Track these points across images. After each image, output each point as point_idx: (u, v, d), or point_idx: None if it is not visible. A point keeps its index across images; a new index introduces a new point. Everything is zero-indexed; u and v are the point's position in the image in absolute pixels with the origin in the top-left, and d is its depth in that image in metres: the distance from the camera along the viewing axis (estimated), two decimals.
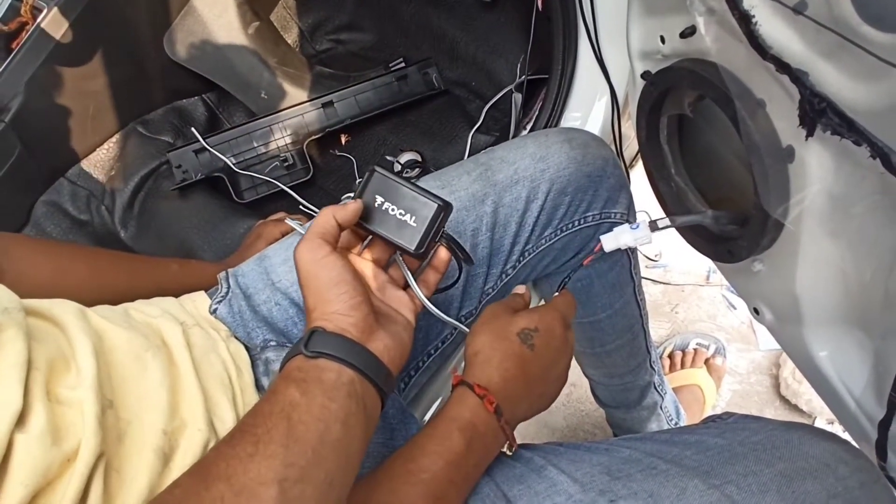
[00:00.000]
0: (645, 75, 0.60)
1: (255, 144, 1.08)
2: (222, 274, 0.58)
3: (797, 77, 0.40)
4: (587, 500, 0.42)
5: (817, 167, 0.42)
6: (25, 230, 1.02)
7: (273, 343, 0.51)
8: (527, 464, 0.46)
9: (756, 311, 0.60)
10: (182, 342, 0.46)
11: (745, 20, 0.42)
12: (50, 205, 1.03)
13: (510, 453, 0.44)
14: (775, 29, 0.40)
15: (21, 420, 0.32)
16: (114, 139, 1.08)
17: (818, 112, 0.40)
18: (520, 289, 0.51)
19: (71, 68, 0.97)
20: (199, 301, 0.55)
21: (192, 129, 1.07)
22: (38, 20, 0.92)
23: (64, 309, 0.43)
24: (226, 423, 0.43)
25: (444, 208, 0.43)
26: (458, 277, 0.51)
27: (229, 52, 1.08)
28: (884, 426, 0.46)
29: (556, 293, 0.52)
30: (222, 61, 1.08)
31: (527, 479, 0.44)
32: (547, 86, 0.81)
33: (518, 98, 0.89)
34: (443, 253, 0.47)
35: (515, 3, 1.02)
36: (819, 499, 0.41)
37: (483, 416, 0.42)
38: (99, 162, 1.07)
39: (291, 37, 1.27)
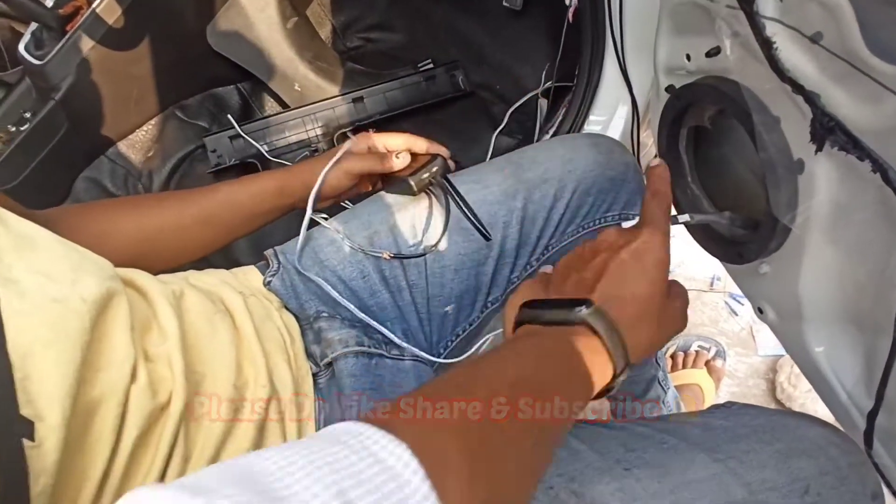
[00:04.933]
0: (669, 89, 0.65)
1: (287, 134, 1.13)
2: (270, 252, 0.63)
3: (810, 98, 0.45)
4: (605, 467, 0.47)
5: (824, 179, 0.47)
6: (65, 204, 1.07)
7: (325, 314, 0.56)
8: None
9: (760, 311, 0.65)
10: (244, 308, 0.51)
11: (766, 45, 0.47)
12: (90, 181, 1.08)
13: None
14: (793, 54, 0.45)
15: (132, 374, 0.37)
16: (153, 122, 1.13)
17: (827, 130, 0.45)
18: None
19: (120, 52, 1.02)
20: (251, 275, 0.60)
21: (228, 115, 1.13)
22: (94, 5, 0.97)
23: (141, 274, 0.48)
24: (285, 383, 0.48)
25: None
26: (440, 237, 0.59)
27: (268, 45, 1.13)
28: (871, 417, 0.51)
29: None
30: (261, 53, 1.14)
31: None
32: (572, 93, 0.86)
33: (544, 104, 0.94)
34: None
35: (544, 13, 1.07)
36: (811, 474, 0.46)
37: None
38: (138, 143, 1.12)
39: (324, 33, 1.32)
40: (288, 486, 0.20)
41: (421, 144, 0.66)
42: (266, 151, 1.11)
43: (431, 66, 1.20)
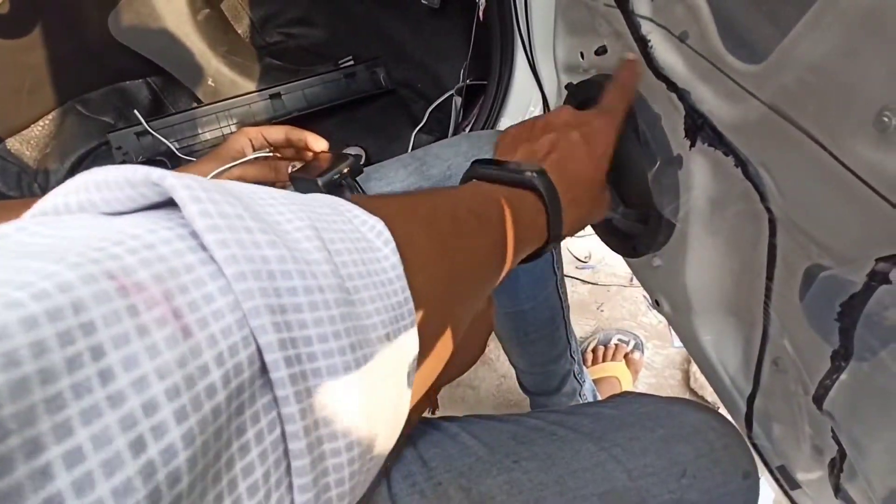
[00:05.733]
0: (568, 86, 0.67)
1: (200, 131, 1.09)
2: None
3: (682, 95, 0.46)
4: (494, 460, 0.47)
5: (699, 174, 0.49)
6: None
7: None
8: (444, 431, 0.51)
9: (657, 303, 0.67)
10: None
11: (642, 42, 0.48)
12: None
13: (432, 416, 0.49)
14: (665, 53, 0.47)
15: None
16: (50, 116, 1.06)
17: (698, 126, 0.46)
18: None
19: (8, 40, 0.95)
20: None
21: (135, 111, 1.07)
22: None
23: None
24: None
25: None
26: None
27: (177, 37, 1.08)
28: (750, 401, 0.54)
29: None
30: (169, 45, 1.08)
31: (442, 443, 0.49)
32: (485, 92, 0.87)
33: (458, 101, 0.94)
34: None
35: (460, 12, 1.07)
36: (688, 458, 0.47)
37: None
38: (33, 139, 1.05)
39: (242, 27, 1.27)
40: (273, 213, 0.20)
41: (298, 135, 0.64)
42: (177, 149, 1.06)
43: (352, 62, 1.18)
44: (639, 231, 0.62)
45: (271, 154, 0.64)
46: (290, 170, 0.63)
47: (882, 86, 0.29)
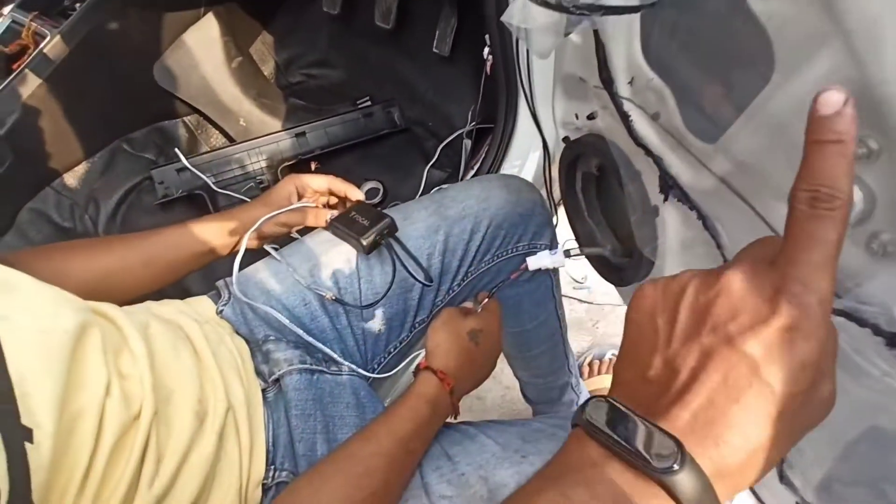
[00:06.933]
0: (565, 140, 0.78)
1: (234, 166, 1.20)
2: (221, 283, 0.71)
3: (656, 160, 0.58)
4: (505, 456, 0.58)
5: (672, 222, 0.61)
6: (8, 235, 1.10)
7: (272, 337, 0.64)
8: (464, 432, 0.62)
9: None
10: (201, 335, 0.59)
11: (624, 117, 0.60)
12: (35, 212, 1.11)
13: (454, 421, 0.59)
14: (643, 126, 0.58)
15: (106, 390, 0.45)
16: (100, 154, 1.17)
17: (669, 185, 0.58)
18: (468, 304, 0.68)
19: (66, 89, 1.07)
20: (204, 304, 0.68)
21: (175, 149, 1.19)
22: (42, 45, 1.02)
23: (112, 307, 0.55)
24: (238, 398, 0.56)
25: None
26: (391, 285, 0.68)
27: (214, 83, 1.20)
28: None
29: (486, 300, 0.68)
30: (207, 90, 1.21)
31: (463, 442, 0.60)
32: (491, 136, 0.99)
33: (468, 143, 1.06)
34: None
35: (469, 60, 1.19)
36: None
37: (442, 393, 0.57)
38: (84, 175, 1.16)
39: (267, 69, 1.40)
40: None
41: (339, 186, 0.75)
42: (213, 183, 1.18)
43: (369, 102, 1.30)
44: (625, 265, 0.74)
45: (313, 204, 0.75)
46: (328, 217, 0.74)
47: (789, 174, 0.41)
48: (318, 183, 0.74)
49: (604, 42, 0.58)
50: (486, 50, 0.94)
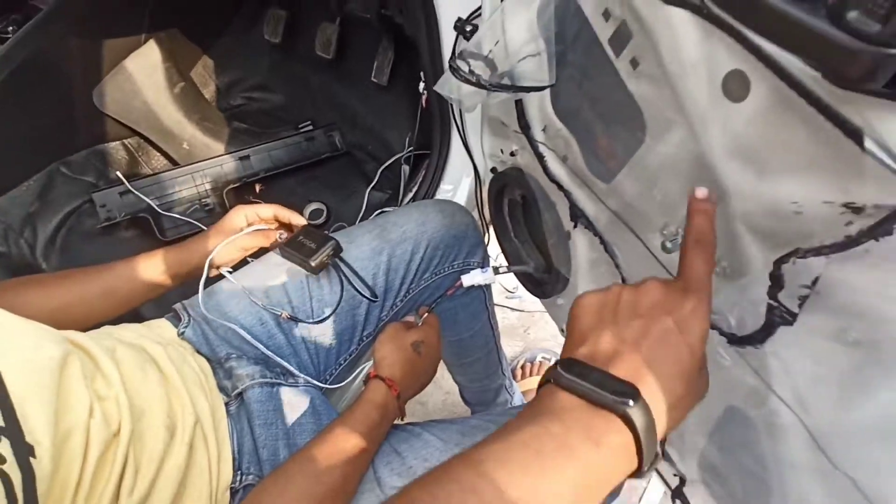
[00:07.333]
0: (493, 170, 0.89)
1: (178, 189, 1.23)
2: (179, 306, 0.76)
3: (566, 194, 0.69)
4: (447, 449, 0.67)
5: (581, 245, 0.72)
6: None
7: (234, 355, 0.70)
8: (410, 431, 0.70)
9: (563, 330, 0.90)
10: (165, 356, 0.64)
11: (539, 157, 0.71)
12: None
13: (402, 422, 0.68)
14: (555, 166, 0.70)
15: (90, 412, 0.50)
16: (35, 178, 1.17)
17: (578, 215, 0.69)
18: (409, 317, 0.76)
19: (2, 112, 1.07)
20: (164, 327, 0.73)
21: (117, 172, 1.20)
22: None
23: (77, 334, 0.60)
24: (204, 412, 0.62)
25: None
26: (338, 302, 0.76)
27: (157, 108, 1.23)
28: None
29: (426, 314, 0.77)
30: (149, 115, 1.23)
31: (409, 440, 0.68)
32: (428, 162, 1.08)
33: (406, 169, 1.15)
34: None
35: (406, 90, 1.28)
36: None
37: (390, 398, 0.66)
38: (19, 198, 1.15)
39: (208, 92, 1.43)
40: None
41: (284, 214, 0.83)
42: (157, 206, 1.20)
43: (311, 127, 1.37)
44: (546, 280, 0.85)
45: (266, 227, 0.82)
46: (278, 237, 0.81)
47: (661, 213, 0.53)
48: (264, 212, 0.81)
49: (521, 97, 0.69)
50: (422, 85, 1.03)
